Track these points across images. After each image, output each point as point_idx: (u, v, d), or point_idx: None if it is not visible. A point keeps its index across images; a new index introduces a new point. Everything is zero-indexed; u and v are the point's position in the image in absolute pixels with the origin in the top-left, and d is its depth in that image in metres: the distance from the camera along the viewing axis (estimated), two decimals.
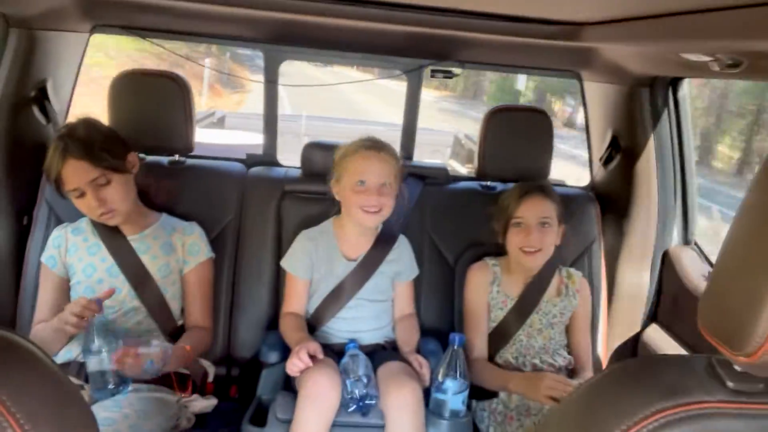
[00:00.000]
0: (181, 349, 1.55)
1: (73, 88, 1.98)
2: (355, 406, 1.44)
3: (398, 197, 1.70)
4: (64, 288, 1.66)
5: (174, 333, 1.65)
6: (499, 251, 1.86)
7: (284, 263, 1.74)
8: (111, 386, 1.43)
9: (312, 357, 1.47)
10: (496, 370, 1.70)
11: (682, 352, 1.75)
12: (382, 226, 1.77)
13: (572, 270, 1.87)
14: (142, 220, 1.70)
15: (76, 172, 1.52)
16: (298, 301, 1.71)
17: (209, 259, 1.74)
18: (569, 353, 1.80)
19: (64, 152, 1.52)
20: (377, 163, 1.62)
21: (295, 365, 1.46)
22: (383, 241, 1.74)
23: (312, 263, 1.70)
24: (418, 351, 1.68)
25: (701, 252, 1.95)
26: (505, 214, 1.78)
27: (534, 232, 1.72)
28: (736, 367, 0.65)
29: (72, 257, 1.65)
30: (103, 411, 1.39)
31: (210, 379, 1.72)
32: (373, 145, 1.65)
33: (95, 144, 1.54)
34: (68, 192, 1.56)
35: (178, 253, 1.69)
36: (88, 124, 1.60)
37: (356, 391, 1.44)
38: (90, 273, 1.63)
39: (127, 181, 1.62)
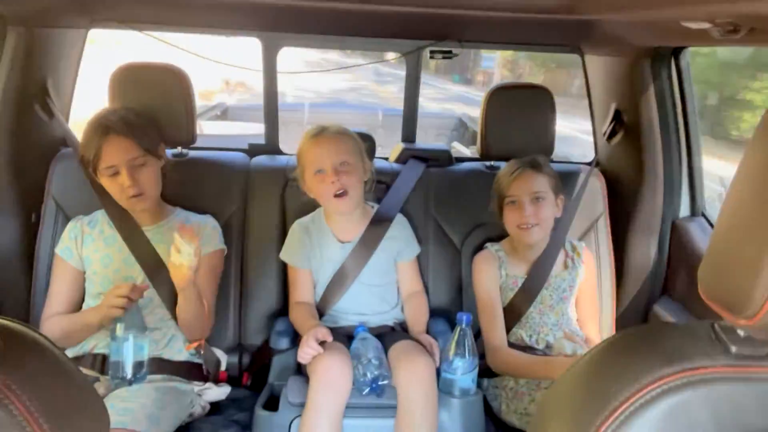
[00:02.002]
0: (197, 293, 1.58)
1: (74, 85, 1.99)
2: (369, 389, 1.45)
3: (370, 173, 1.71)
4: (79, 280, 1.68)
5: None
6: (504, 231, 1.86)
7: (283, 255, 1.76)
8: (129, 376, 1.46)
9: (322, 343, 1.49)
10: (531, 358, 1.66)
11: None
12: (377, 207, 1.77)
13: (576, 242, 1.87)
14: (160, 211, 1.73)
15: (116, 149, 1.56)
16: (303, 291, 1.72)
17: (220, 250, 1.75)
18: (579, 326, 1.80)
19: (106, 128, 1.56)
20: (325, 145, 1.63)
21: (306, 353, 1.47)
22: (378, 222, 1.74)
23: (308, 252, 1.71)
24: (428, 331, 1.69)
25: (710, 222, 1.93)
26: (499, 193, 1.78)
27: (527, 208, 1.72)
28: (740, 332, 0.65)
29: (88, 249, 1.67)
30: (120, 401, 1.41)
31: (223, 367, 1.74)
32: (318, 131, 1.66)
33: (138, 124, 1.61)
34: (102, 170, 1.58)
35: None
36: (128, 108, 1.67)
37: (369, 374, 1.45)
38: (107, 263, 1.65)
39: (158, 168, 1.67)
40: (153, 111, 1.76)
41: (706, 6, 1.05)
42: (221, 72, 10.73)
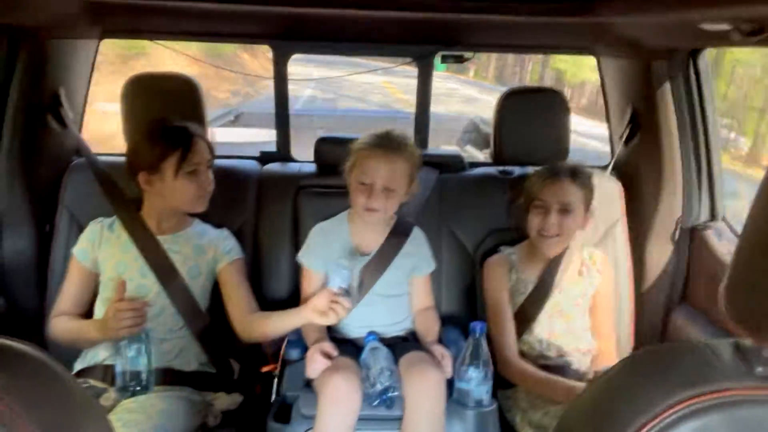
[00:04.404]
0: None
1: (87, 94, 2.01)
2: (379, 400, 1.43)
3: (411, 194, 1.68)
4: (91, 282, 1.69)
5: (202, 333, 1.66)
6: (520, 236, 1.83)
7: (300, 257, 1.74)
8: (137, 386, 1.46)
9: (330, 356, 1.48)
10: (541, 375, 1.61)
11: (713, 332, 1.70)
12: (396, 218, 1.75)
13: (593, 249, 1.84)
14: (179, 222, 1.73)
15: (201, 151, 1.65)
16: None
17: (242, 258, 1.76)
18: (593, 337, 1.77)
19: (194, 132, 1.65)
20: (384, 166, 1.59)
21: (314, 369, 1.46)
22: (397, 234, 1.72)
23: (325, 256, 1.70)
24: (440, 341, 1.67)
25: (730, 227, 1.88)
26: (528, 195, 1.75)
27: (552, 216, 1.68)
28: (765, 352, 0.62)
29: (104, 253, 1.67)
30: (128, 413, 1.41)
31: (235, 376, 1.73)
32: (386, 145, 1.60)
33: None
34: (188, 166, 1.61)
35: (208, 256, 1.70)
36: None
37: (379, 385, 1.43)
38: (122, 270, 1.64)
39: None
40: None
41: (726, 9, 1.02)
42: None
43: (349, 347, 1.55)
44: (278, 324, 1.62)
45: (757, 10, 0.98)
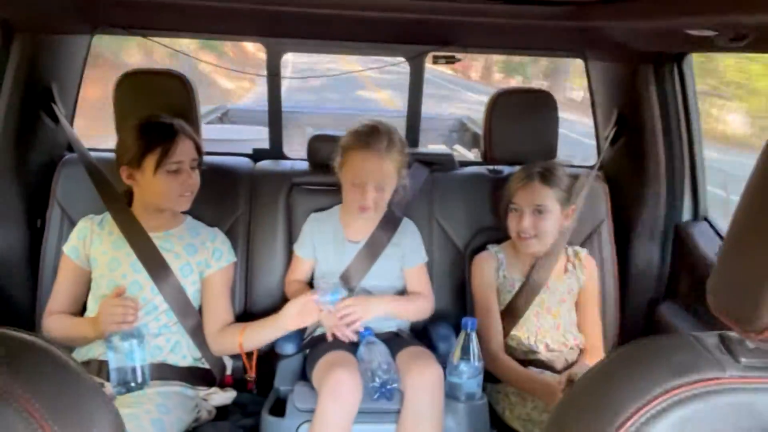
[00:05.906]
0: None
1: (78, 90, 2.00)
2: (378, 393, 1.46)
3: (402, 184, 1.72)
4: (84, 279, 1.69)
5: (194, 330, 1.67)
6: (506, 235, 1.87)
7: (296, 248, 1.81)
8: (132, 382, 1.47)
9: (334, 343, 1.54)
10: (526, 372, 1.66)
11: (697, 327, 1.75)
12: (387, 208, 1.78)
13: (578, 248, 1.88)
14: (170, 219, 1.73)
15: (185, 149, 1.64)
16: (300, 275, 1.79)
17: (232, 263, 1.77)
18: (580, 332, 1.81)
19: (176, 129, 1.63)
20: (375, 164, 1.62)
21: (346, 336, 1.58)
22: (387, 223, 1.76)
23: (315, 244, 1.75)
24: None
25: (713, 226, 1.94)
26: (505, 197, 1.80)
27: (526, 219, 1.73)
28: (749, 343, 0.65)
29: (96, 250, 1.67)
30: (125, 407, 1.42)
31: (228, 372, 1.74)
32: (375, 143, 1.63)
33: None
34: (169, 164, 1.60)
35: (200, 255, 1.71)
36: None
37: (378, 379, 1.45)
38: (115, 267, 1.65)
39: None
40: None
41: (710, 16, 1.06)
42: None
43: (345, 343, 1.57)
44: (253, 339, 1.64)
45: (740, 19, 1.02)
